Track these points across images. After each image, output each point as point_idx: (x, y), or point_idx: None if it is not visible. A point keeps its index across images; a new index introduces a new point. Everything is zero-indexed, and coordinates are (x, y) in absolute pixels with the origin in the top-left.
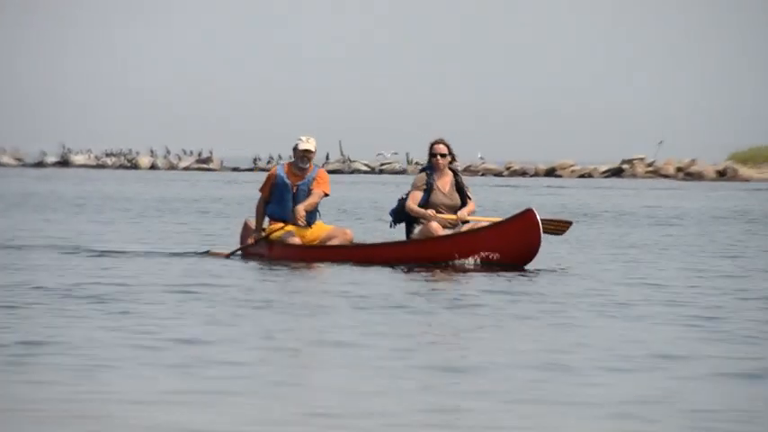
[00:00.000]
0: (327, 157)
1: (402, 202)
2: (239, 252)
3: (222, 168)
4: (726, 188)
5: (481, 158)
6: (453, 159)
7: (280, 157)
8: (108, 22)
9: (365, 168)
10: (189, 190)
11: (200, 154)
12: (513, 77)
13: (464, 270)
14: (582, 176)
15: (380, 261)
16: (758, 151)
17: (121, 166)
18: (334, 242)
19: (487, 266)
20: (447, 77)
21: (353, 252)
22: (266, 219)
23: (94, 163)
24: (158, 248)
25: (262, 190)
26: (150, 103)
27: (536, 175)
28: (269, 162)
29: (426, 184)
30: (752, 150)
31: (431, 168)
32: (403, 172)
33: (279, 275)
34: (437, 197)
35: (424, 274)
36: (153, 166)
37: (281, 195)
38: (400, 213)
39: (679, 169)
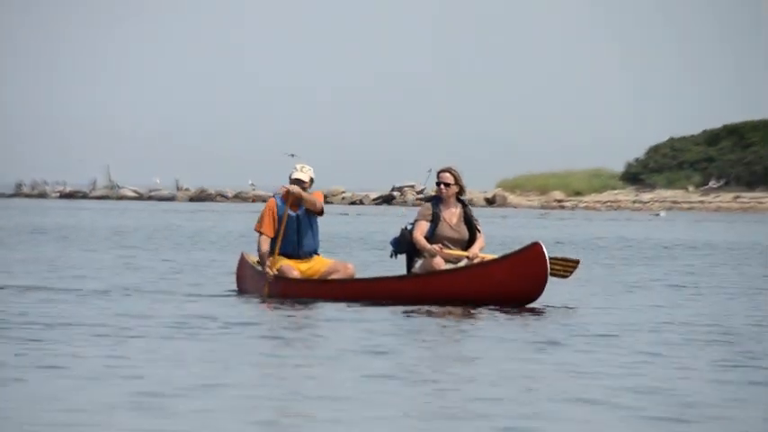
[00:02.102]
0: (95, 184)
1: (405, 231)
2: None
3: None
4: (488, 215)
5: (252, 185)
6: (462, 190)
7: (45, 182)
8: None
9: (132, 194)
10: None
11: None
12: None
13: (465, 311)
14: (353, 203)
15: (380, 296)
16: (525, 179)
17: None
18: (336, 277)
19: (489, 306)
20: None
21: (352, 286)
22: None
23: None
24: None
25: (262, 228)
26: None
27: None
28: (33, 188)
29: (433, 215)
30: (519, 178)
31: (437, 199)
32: (172, 198)
33: (285, 313)
34: (443, 230)
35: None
36: None
37: (286, 229)
38: (403, 244)
39: None
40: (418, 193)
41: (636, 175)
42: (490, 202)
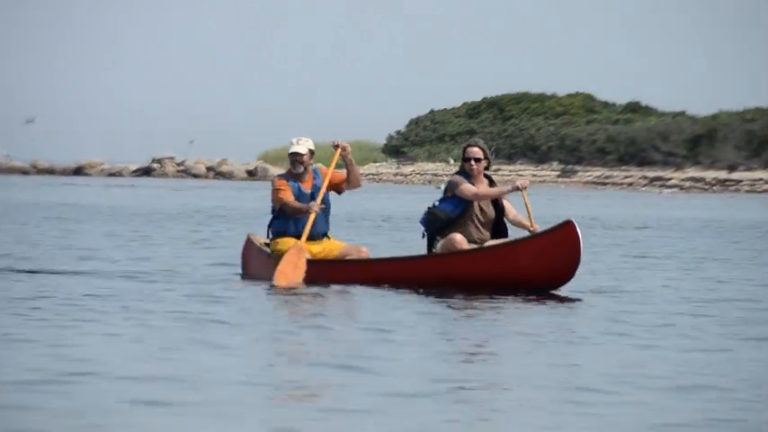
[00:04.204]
0: None
1: (433, 210)
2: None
3: None
4: (254, 187)
5: (7, 156)
6: (489, 164)
7: None
8: None
9: None
10: None
11: None
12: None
13: (491, 293)
14: (112, 175)
15: (400, 277)
16: (286, 152)
17: None
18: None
19: (518, 289)
20: None
21: (369, 267)
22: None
23: None
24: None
25: (282, 195)
26: None
27: (64, 173)
28: None
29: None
30: (281, 150)
31: (465, 174)
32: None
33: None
34: (474, 208)
35: (445, 298)
36: None
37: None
38: (433, 222)
39: (209, 168)
40: (178, 164)
41: (397, 148)
42: (251, 174)
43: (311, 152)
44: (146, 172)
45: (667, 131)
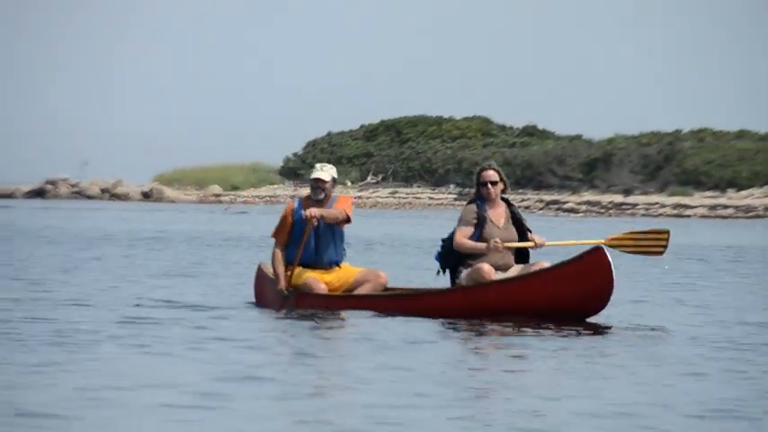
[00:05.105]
0: None
1: (447, 242)
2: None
3: None
4: (151, 208)
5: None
6: (506, 187)
7: None
8: None
9: None
10: None
11: None
12: None
13: (521, 323)
14: (3, 196)
15: (422, 312)
16: (182, 173)
17: None
18: (366, 288)
19: (548, 318)
20: None
21: (388, 302)
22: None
23: None
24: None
25: (276, 234)
26: None
27: None
28: None
29: (478, 217)
30: (176, 172)
31: (481, 199)
32: None
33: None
34: (491, 231)
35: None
36: None
37: (302, 235)
38: (448, 256)
39: (104, 190)
40: (72, 186)
41: (294, 170)
42: (147, 196)
43: (334, 180)
44: (38, 193)
45: (564, 155)
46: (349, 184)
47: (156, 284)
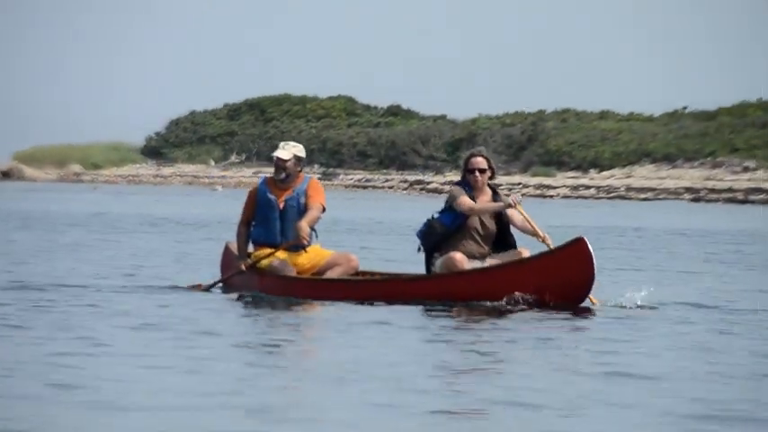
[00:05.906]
0: None
1: (432, 222)
2: (220, 284)
3: None
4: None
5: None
6: (494, 174)
7: None
8: None
9: None
10: None
11: None
12: None
13: (495, 311)
14: None
15: (394, 298)
16: (41, 151)
17: None
18: (337, 271)
19: (523, 308)
20: None
21: (361, 288)
22: (250, 244)
23: None
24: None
25: (243, 212)
26: None
27: None
28: None
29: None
30: (34, 150)
31: (467, 185)
32: None
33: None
34: (473, 221)
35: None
36: None
37: (266, 215)
38: (428, 237)
39: None
40: None
41: (157, 149)
42: (6, 175)
43: (297, 158)
44: None
45: (428, 135)
46: (212, 163)
47: None
